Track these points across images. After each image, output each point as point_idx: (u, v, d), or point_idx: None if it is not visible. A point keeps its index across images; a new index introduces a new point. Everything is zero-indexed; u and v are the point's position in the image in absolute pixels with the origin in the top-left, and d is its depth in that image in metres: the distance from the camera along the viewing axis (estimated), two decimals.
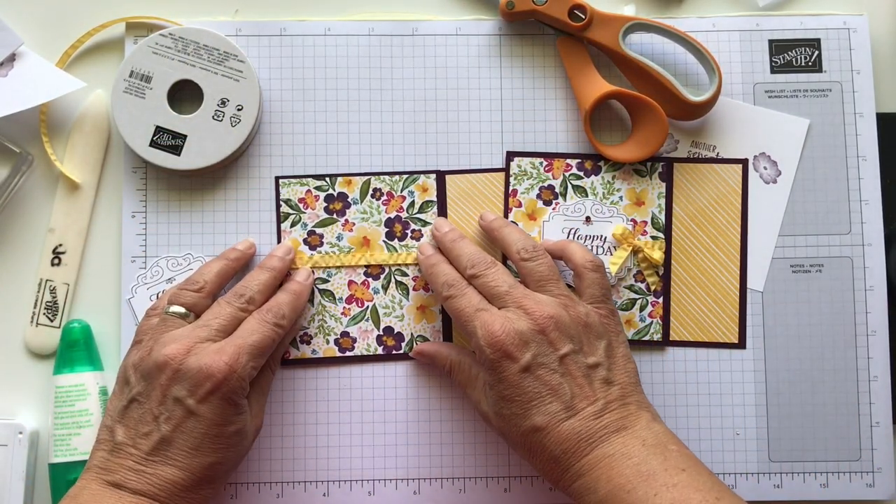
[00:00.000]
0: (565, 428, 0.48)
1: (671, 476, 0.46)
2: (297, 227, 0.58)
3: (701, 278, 0.59)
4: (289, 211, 0.58)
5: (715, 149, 0.60)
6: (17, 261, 0.59)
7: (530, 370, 0.48)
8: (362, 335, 0.58)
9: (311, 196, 0.59)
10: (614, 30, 0.58)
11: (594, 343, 0.50)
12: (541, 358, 0.49)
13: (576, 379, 0.49)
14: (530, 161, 0.59)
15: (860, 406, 0.58)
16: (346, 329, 0.58)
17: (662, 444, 0.48)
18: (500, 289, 0.51)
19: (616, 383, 0.50)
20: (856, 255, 0.59)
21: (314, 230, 0.58)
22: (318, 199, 0.59)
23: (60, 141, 0.60)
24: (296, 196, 0.59)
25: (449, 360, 0.56)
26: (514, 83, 0.60)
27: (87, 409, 0.56)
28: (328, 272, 0.58)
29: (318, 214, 0.58)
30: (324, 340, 0.58)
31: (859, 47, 0.60)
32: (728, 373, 0.59)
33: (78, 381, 0.56)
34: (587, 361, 0.49)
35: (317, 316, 0.58)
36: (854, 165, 0.59)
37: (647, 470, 0.46)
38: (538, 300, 0.50)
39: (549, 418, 0.48)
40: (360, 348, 0.58)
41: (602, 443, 0.47)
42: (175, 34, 0.57)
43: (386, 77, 0.60)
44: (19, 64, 0.58)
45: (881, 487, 0.58)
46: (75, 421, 0.56)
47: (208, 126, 0.57)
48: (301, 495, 0.57)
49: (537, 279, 0.52)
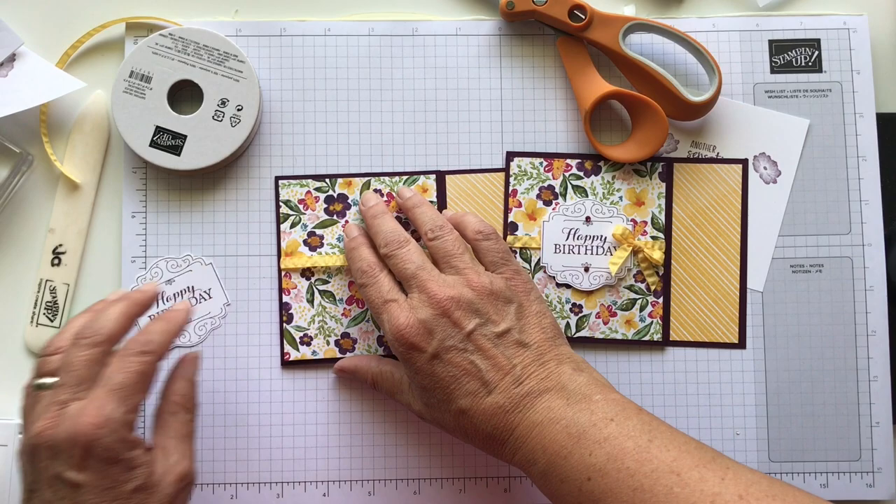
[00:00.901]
0: (488, 403, 0.48)
1: (600, 430, 0.46)
2: (297, 228, 0.58)
3: (701, 278, 0.59)
4: (288, 212, 0.58)
5: (715, 149, 0.60)
6: (17, 261, 0.59)
7: (439, 356, 0.49)
8: (363, 336, 0.58)
9: (311, 197, 0.59)
10: (614, 30, 0.58)
11: (503, 309, 0.50)
12: (448, 342, 0.49)
13: (486, 352, 0.49)
14: (530, 161, 0.59)
15: (860, 406, 0.58)
16: (346, 330, 0.58)
17: (587, 396, 0.48)
18: (408, 270, 0.51)
19: (531, 344, 0.50)
20: (856, 255, 0.59)
21: (314, 231, 0.58)
22: (319, 201, 0.59)
23: (60, 141, 0.60)
24: (295, 197, 0.59)
25: (370, 373, 0.56)
26: (514, 83, 0.60)
27: None
28: (328, 273, 0.58)
29: (319, 215, 0.58)
30: (324, 341, 0.58)
31: (859, 47, 0.60)
32: (728, 373, 0.59)
33: None
34: (496, 330, 0.49)
35: (317, 317, 0.58)
36: (854, 165, 0.59)
37: (576, 430, 0.46)
38: (441, 282, 0.50)
39: (471, 398, 0.48)
40: (360, 349, 0.58)
41: (528, 410, 0.48)
42: (175, 34, 0.57)
43: (386, 77, 0.60)
44: (19, 64, 0.58)
45: (881, 487, 0.58)
46: None
47: (208, 126, 0.57)
48: (301, 495, 0.57)
49: (443, 255, 0.52)
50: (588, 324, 0.58)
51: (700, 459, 0.45)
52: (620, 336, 0.58)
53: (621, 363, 0.59)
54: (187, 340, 0.58)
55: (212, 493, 0.57)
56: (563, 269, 0.58)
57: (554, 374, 0.49)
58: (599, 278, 0.58)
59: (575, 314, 0.58)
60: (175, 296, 0.58)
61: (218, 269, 0.58)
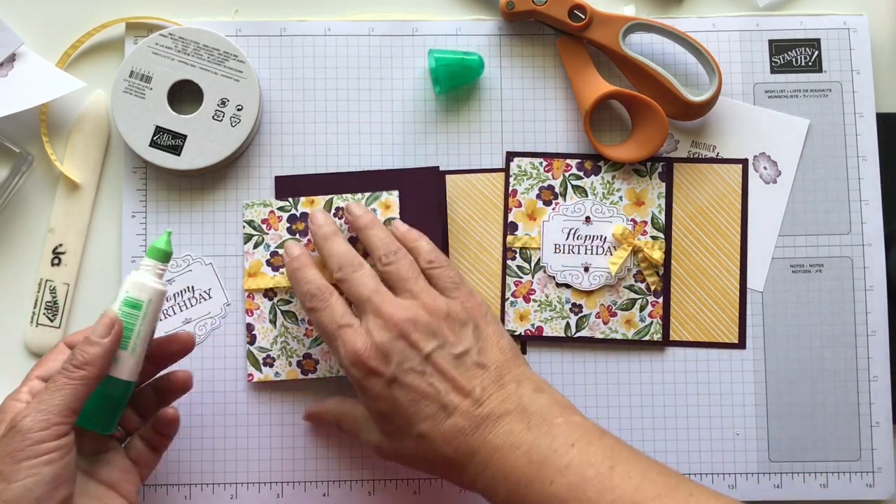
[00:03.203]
0: (448, 426, 0.47)
1: (561, 456, 0.45)
2: (260, 248, 0.58)
3: (701, 278, 0.59)
4: (252, 232, 0.58)
5: (715, 149, 0.60)
6: (17, 261, 0.59)
7: (398, 380, 0.48)
8: (325, 357, 0.57)
9: (273, 217, 0.58)
10: (614, 30, 0.58)
11: (460, 331, 0.49)
12: (406, 364, 0.48)
13: (446, 373, 0.48)
14: (530, 161, 0.59)
15: (860, 406, 0.58)
16: (308, 351, 0.57)
17: (548, 420, 0.47)
18: (363, 294, 0.50)
19: (490, 365, 0.49)
20: (856, 255, 0.59)
21: (276, 251, 0.58)
22: (281, 220, 0.58)
23: (60, 141, 0.60)
24: (259, 217, 0.58)
25: (332, 414, 0.55)
26: (514, 83, 0.60)
27: None
28: (290, 293, 0.57)
29: (281, 234, 0.58)
30: (286, 362, 0.57)
31: (859, 47, 0.60)
32: (728, 373, 0.59)
33: None
34: (454, 352, 0.48)
35: (279, 338, 0.57)
36: (854, 165, 0.59)
37: (537, 457, 0.45)
38: (396, 305, 0.49)
39: (430, 422, 0.47)
40: (322, 370, 0.57)
41: (489, 433, 0.47)
42: (175, 34, 0.57)
43: (386, 77, 0.60)
44: (19, 64, 0.58)
45: (881, 487, 0.58)
46: None
47: (208, 126, 0.57)
48: (301, 495, 0.57)
49: (397, 280, 0.51)
50: (588, 324, 0.58)
51: (663, 487, 0.44)
52: (620, 336, 0.58)
53: (621, 363, 0.59)
54: None
55: (212, 493, 0.57)
56: (563, 268, 0.58)
57: (514, 395, 0.48)
58: (599, 278, 0.58)
59: (575, 314, 0.58)
60: (175, 296, 0.58)
61: (218, 269, 0.58)
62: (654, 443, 0.58)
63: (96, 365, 0.46)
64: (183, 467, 0.57)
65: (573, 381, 0.58)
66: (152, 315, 0.49)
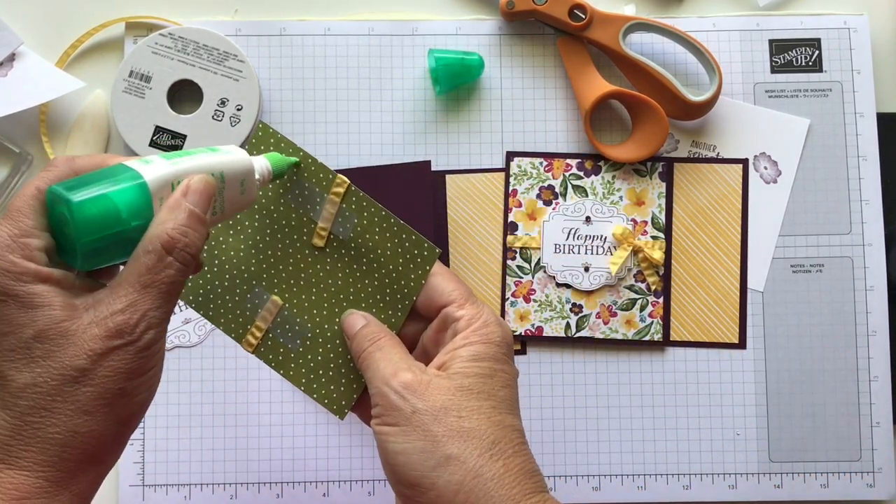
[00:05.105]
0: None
1: None
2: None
3: (701, 278, 0.59)
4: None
5: (715, 149, 0.60)
6: None
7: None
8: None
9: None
10: (614, 30, 0.57)
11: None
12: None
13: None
14: (530, 161, 0.59)
15: (860, 406, 0.58)
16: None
17: None
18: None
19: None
20: (856, 255, 0.59)
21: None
22: None
23: (60, 141, 0.59)
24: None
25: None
26: (514, 83, 0.60)
27: None
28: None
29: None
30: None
31: (859, 47, 0.60)
32: (728, 373, 0.59)
33: None
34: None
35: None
36: (854, 165, 0.59)
37: None
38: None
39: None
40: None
41: None
42: (175, 34, 0.57)
43: (386, 77, 0.60)
44: (19, 64, 0.58)
45: (881, 487, 0.58)
46: None
47: (208, 126, 0.57)
48: (301, 495, 0.57)
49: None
50: (588, 324, 0.58)
51: None
52: (621, 336, 0.58)
53: (621, 363, 0.59)
54: (187, 340, 0.58)
55: (212, 493, 0.57)
56: (563, 268, 0.58)
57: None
58: (599, 278, 0.58)
59: (575, 314, 0.58)
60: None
61: None
62: (654, 443, 0.58)
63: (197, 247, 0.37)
64: (183, 467, 0.57)
65: (573, 381, 0.58)
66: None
